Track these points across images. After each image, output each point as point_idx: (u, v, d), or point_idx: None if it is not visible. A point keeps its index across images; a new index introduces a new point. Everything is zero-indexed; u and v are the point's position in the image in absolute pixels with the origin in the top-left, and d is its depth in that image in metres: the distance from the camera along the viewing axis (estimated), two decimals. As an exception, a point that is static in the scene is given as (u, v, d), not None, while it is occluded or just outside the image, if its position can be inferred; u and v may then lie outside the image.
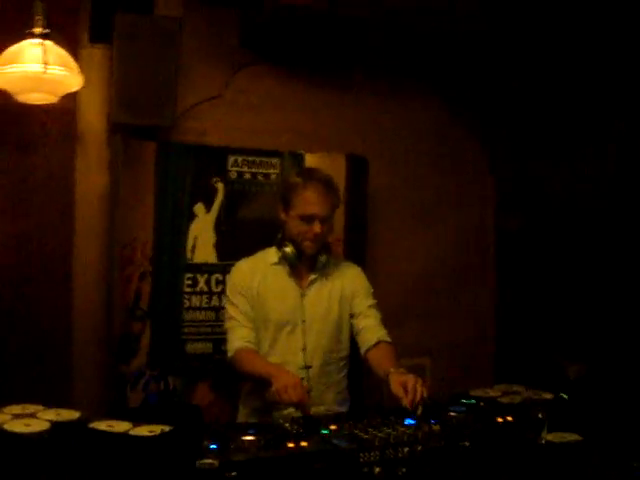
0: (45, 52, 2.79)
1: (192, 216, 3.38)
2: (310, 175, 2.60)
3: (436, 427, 2.14)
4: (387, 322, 3.99)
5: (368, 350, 2.58)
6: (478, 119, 4.27)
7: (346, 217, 3.56)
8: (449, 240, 4.25)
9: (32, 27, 2.78)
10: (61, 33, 3.14)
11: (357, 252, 3.64)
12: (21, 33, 2.77)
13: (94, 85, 3.38)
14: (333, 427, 2.16)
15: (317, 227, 2.53)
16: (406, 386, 2.25)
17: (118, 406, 3.21)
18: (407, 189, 4.11)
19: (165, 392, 3.33)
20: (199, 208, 3.39)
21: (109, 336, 3.29)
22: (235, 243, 3.38)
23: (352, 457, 1.94)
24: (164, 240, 3.32)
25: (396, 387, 2.27)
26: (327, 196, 2.55)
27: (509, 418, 2.33)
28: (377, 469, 1.91)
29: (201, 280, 3.39)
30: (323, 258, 2.62)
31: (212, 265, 3.40)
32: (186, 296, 3.37)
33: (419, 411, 2.21)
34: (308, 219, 2.53)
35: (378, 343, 2.58)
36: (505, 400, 2.67)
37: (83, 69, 3.37)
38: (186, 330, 3.37)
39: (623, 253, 3.69)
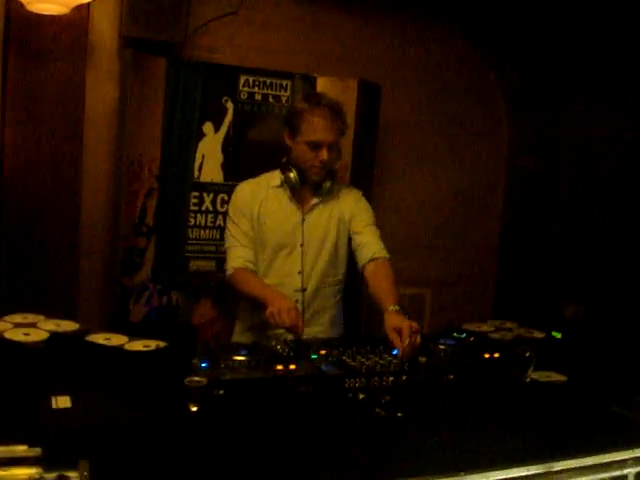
0: (56, -41, 2.76)
1: (201, 135, 3.37)
2: (317, 100, 2.54)
3: (422, 359, 2.19)
4: (390, 252, 4.07)
5: (364, 267, 2.57)
6: (496, 55, 4.17)
7: (354, 144, 3.53)
8: (458, 175, 4.23)
9: None
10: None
11: (364, 180, 3.62)
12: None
13: (106, -2, 3.34)
14: (322, 352, 2.21)
15: (324, 154, 2.50)
16: (400, 332, 2.23)
17: (120, 318, 3.30)
18: (419, 120, 4.06)
19: (167, 307, 3.41)
20: (208, 127, 3.38)
21: (114, 249, 3.35)
22: (242, 164, 3.39)
23: (338, 382, 2.00)
24: (172, 157, 3.33)
25: (390, 331, 2.25)
26: (335, 122, 2.50)
27: (496, 355, 2.37)
28: (361, 395, 1.96)
29: (207, 199, 3.42)
30: (328, 184, 2.60)
31: (218, 184, 3.42)
32: (191, 214, 3.41)
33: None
34: (315, 145, 2.50)
35: (373, 260, 2.57)
36: (496, 336, 2.71)
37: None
38: (190, 248, 3.42)
39: (627, 197, 3.67)
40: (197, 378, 1.85)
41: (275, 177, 2.64)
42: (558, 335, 3.21)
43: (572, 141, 3.98)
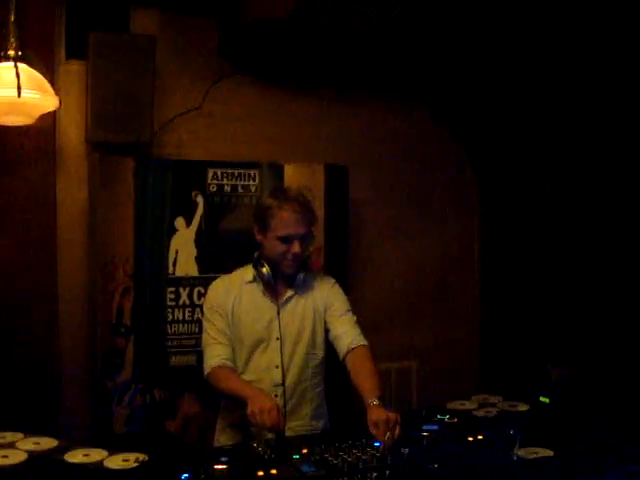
0: (18, 76, 2.82)
1: (173, 230, 3.39)
2: (285, 195, 2.59)
3: (405, 450, 2.18)
4: (373, 327, 4.05)
5: (344, 357, 2.58)
6: (461, 125, 4.27)
7: (326, 226, 3.56)
8: (433, 245, 4.28)
9: (6, 50, 2.80)
10: (38, 50, 3.17)
11: (338, 261, 3.65)
12: (-4, 55, 2.79)
13: (73, 101, 3.42)
14: (304, 451, 2.19)
15: (296, 247, 2.53)
16: (378, 428, 2.23)
17: (103, 423, 3.26)
18: (389, 196, 4.13)
19: (151, 405, 3.37)
20: (179, 222, 3.40)
21: (93, 352, 3.33)
22: (216, 255, 3.40)
23: (321, 484, 1.99)
24: (145, 255, 3.34)
25: (371, 426, 2.26)
26: (304, 214, 2.55)
27: (479, 437, 2.36)
28: (345, 495, 1.95)
29: (183, 293, 3.42)
30: (301, 276, 2.62)
31: (194, 278, 3.42)
32: (169, 309, 3.40)
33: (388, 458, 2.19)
34: (286, 239, 2.53)
35: (351, 350, 2.57)
36: (480, 414, 2.70)
37: (61, 85, 3.43)
38: (170, 343, 3.40)
39: (608, 256, 3.71)
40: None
41: (248, 272, 2.66)
42: (546, 400, 3.21)
43: (543, 202, 4.05)
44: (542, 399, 3.19)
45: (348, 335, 2.60)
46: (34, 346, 3.31)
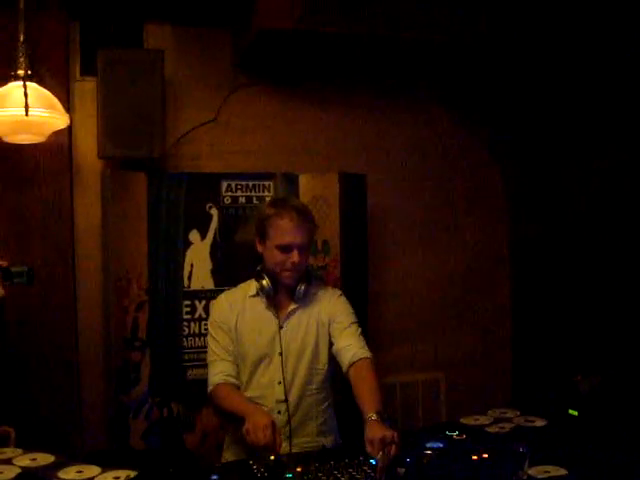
0: (26, 95, 2.85)
1: (188, 243, 3.38)
2: (283, 204, 2.56)
3: (401, 470, 2.09)
4: (398, 338, 4.00)
5: (347, 372, 2.51)
6: (485, 127, 4.15)
7: (342, 237, 3.51)
8: (460, 252, 4.16)
9: (16, 69, 2.84)
10: (52, 67, 3.23)
11: (357, 272, 3.59)
12: (7, 75, 2.83)
13: (88, 117, 3.44)
14: (298, 469, 2.13)
15: (295, 256, 2.49)
16: (374, 445, 2.13)
17: (120, 436, 3.26)
18: (412, 203, 4.04)
19: (168, 419, 3.36)
20: (194, 235, 3.39)
21: (109, 367, 3.34)
22: (232, 268, 3.37)
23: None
24: (159, 269, 3.34)
25: (367, 442, 2.17)
26: (303, 223, 2.51)
27: (485, 455, 2.25)
28: (336, 517, 1.88)
29: (199, 306, 3.40)
30: (301, 288, 2.57)
31: (209, 291, 3.39)
32: (185, 323, 3.39)
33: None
34: (285, 249, 2.50)
35: (353, 363, 2.49)
36: (493, 429, 2.59)
37: (77, 102, 3.47)
38: (186, 357, 3.38)
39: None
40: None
41: (251, 286, 2.64)
42: (575, 413, 3.06)
43: (574, 203, 3.90)
44: (571, 412, 3.06)
45: (351, 348, 2.53)
46: (54, 363, 3.34)
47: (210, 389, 2.56)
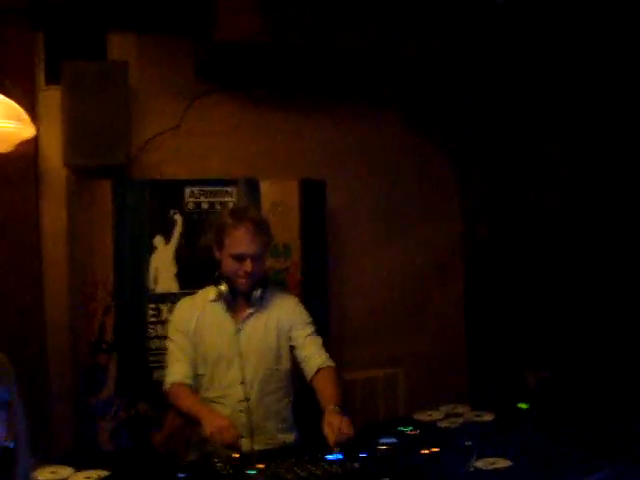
0: (-6, 106, 2.92)
1: (152, 248, 3.47)
2: (241, 215, 2.68)
3: (356, 464, 2.24)
4: (358, 336, 4.13)
5: (311, 380, 2.66)
6: (441, 130, 4.31)
7: (302, 241, 3.64)
8: (416, 250, 4.30)
9: (-17, 80, 2.90)
10: (17, 77, 3.29)
11: (317, 275, 3.73)
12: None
13: (53, 126, 3.50)
14: (260, 466, 2.26)
15: (248, 266, 2.61)
16: (331, 426, 2.33)
17: (89, 437, 3.35)
18: (369, 208, 4.18)
19: (135, 418, 3.45)
20: (159, 240, 3.48)
21: (76, 369, 3.42)
22: (196, 272, 3.45)
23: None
24: (125, 274, 3.42)
25: (324, 426, 2.36)
26: (257, 235, 2.63)
27: (434, 449, 2.40)
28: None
29: (164, 309, 3.49)
30: (257, 293, 2.69)
31: (174, 294, 3.47)
32: (151, 326, 3.48)
33: (336, 450, 2.28)
34: (239, 258, 2.62)
35: (318, 371, 2.64)
36: (444, 424, 2.75)
37: (42, 110, 3.53)
38: (152, 359, 3.47)
39: (590, 261, 3.74)
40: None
41: (211, 291, 2.76)
42: (524, 406, 3.23)
43: (524, 204, 4.08)
44: (520, 405, 3.22)
45: (315, 357, 2.68)
46: (24, 368, 3.39)
47: (166, 387, 2.70)
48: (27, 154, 3.38)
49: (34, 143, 3.40)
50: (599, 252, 3.70)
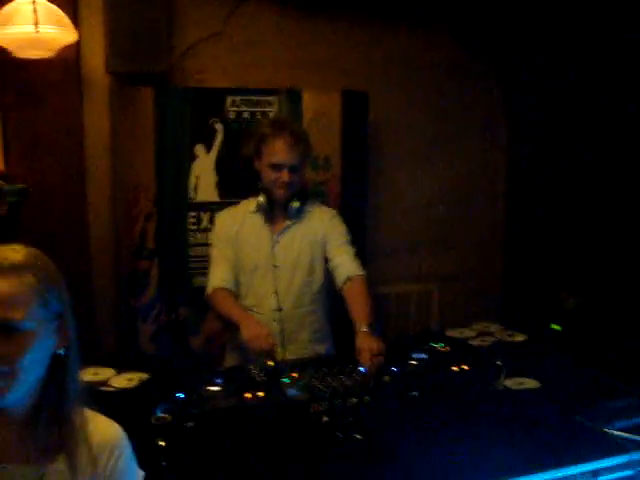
0: (36, 12, 2.90)
1: (193, 157, 3.49)
2: (280, 125, 2.70)
3: (387, 378, 2.30)
4: (395, 250, 4.15)
5: (341, 288, 2.69)
6: (491, 50, 4.14)
7: (342, 154, 3.61)
8: (457, 169, 4.24)
9: (25, -14, 2.86)
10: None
11: (357, 188, 3.71)
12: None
13: (96, 32, 3.45)
14: (294, 375, 2.34)
15: (285, 175, 2.64)
16: (364, 352, 2.37)
17: (131, 338, 3.48)
18: (413, 119, 4.08)
19: (175, 323, 3.57)
20: (199, 149, 3.50)
21: (119, 273, 3.52)
22: (236, 181, 3.48)
23: (303, 407, 2.13)
24: (166, 182, 3.46)
25: (357, 352, 2.41)
26: (296, 146, 2.65)
27: (465, 367, 2.45)
28: (325, 418, 2.09)
29: (204, 218, 3.55)
30: (295, 204, 2.72)
31: (214, 203, 3.53)
32: (191, 233, 3.55)
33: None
34: (277, 167, 2.65)
35: (348, 280, 2.68)
36: (476, 342, 2.79)
37: (84, 17, 3.48)
38: (192, 265, 3.56)
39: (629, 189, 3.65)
40: (163, 415, 2.01)
41: (252, 203, 2.79)
42: (558, 328, 3.25)
43: (573, 129, 3.95)
44: (554, 326, 3.24)
45: (346, 265, 2.70)
46: (68, 270, 3.50)
47: (208, 291, 2.76)
48: (69, 59, 3.38)
49: (76, 48, 3.39)
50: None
